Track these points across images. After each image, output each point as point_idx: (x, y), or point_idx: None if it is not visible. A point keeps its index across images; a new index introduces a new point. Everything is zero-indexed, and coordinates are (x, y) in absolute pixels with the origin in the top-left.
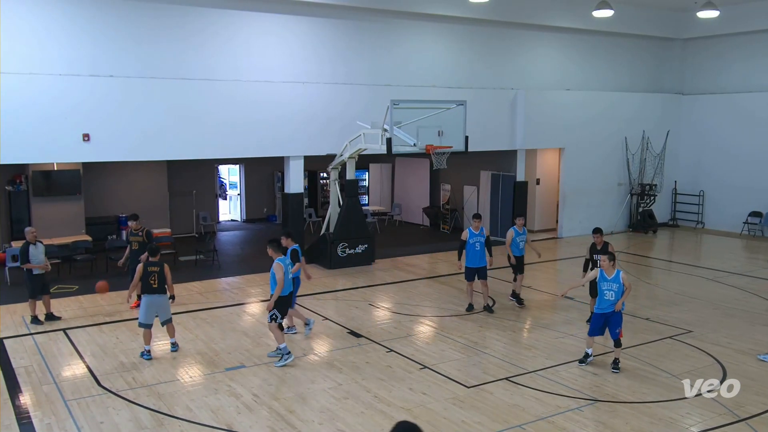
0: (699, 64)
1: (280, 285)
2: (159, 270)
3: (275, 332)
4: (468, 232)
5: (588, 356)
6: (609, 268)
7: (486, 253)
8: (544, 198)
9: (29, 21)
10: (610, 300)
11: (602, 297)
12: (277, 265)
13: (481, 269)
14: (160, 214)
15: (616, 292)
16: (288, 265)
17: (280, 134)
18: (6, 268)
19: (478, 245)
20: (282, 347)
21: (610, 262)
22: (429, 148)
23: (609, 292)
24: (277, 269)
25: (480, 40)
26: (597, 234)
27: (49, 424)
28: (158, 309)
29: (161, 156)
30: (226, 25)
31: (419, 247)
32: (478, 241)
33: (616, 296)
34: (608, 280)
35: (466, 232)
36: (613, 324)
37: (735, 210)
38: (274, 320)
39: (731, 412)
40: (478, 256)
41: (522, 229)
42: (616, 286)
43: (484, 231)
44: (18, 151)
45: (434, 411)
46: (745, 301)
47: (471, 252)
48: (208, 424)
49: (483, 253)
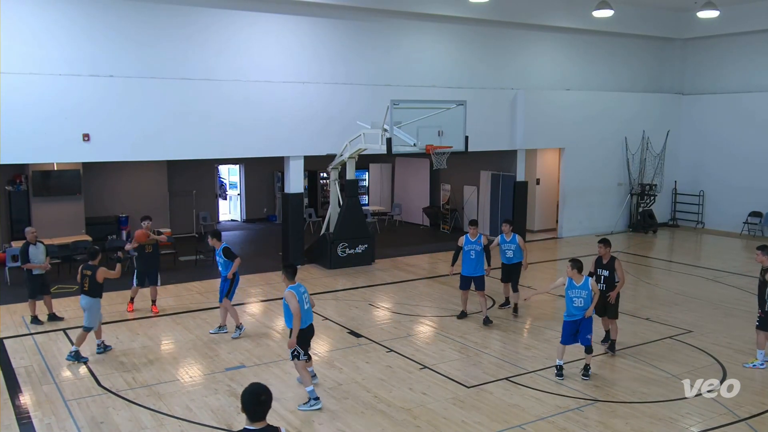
0: (699, 64)
1: (297, 316)
2: (92, 274)
3: (302, 372)
4: (464, 239)
5: (561, 368)
6: (576, 275)
7: (484, 262)
8: (544, 198)
9: (29, 21)
10: (580, 306)
11: (571, 304)
12: (289, 294)
13: (478, 278)
14: (160, 214)
15: (585, 299)
16: (303, 293)
17: (280, 134)
18: (6, 268)
19: (474, 253)
20: (309, 390)
21: (573, 270)
22: (429, 148)
23: (578, 299)
24: (290, 299)
25: (480, 40)
26: (602, 245)
27: (49, 424)
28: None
29: (161, 156)
30: (226, 25)
31: (419, 247)
32: (473, 249)
33: (586, 303)
34: (577, 287)
35: (463, 238)
36: (584, 330)
37: (735, 210)
38: (296, 358)
39: (731, 412)
40: (473, 265)
41: (510, 236)
42: (585, 293)
43: (482, 239)
44: (18, 151)
45: (434, 411)
46: (745, 301)
47: (466, 260)
48: (208, 424)
49: (479, 262)
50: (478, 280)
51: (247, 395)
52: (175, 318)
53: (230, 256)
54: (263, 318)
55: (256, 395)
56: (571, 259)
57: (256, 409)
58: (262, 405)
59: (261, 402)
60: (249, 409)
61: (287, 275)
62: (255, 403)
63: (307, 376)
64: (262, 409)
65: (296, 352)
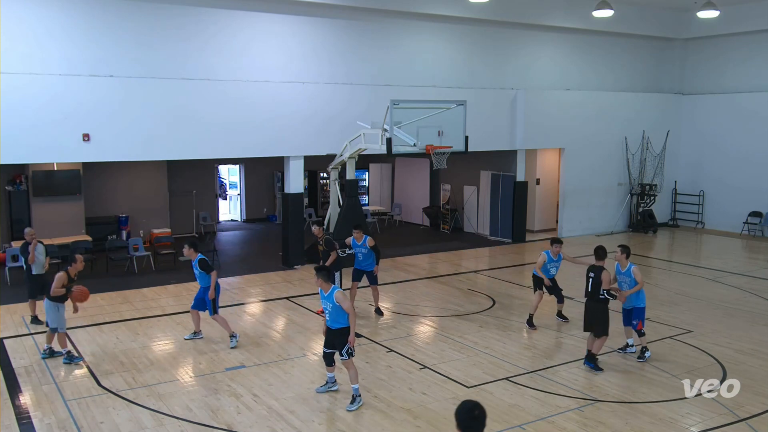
0: (699, 64)
1: (353, 314)
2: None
3: (352, 370)
4: (546, 256)
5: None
6: (623, 260)
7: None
8: (544, 198)
9: (29, 21)
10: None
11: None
12: (340, 294)
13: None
14: (160, 214)
15: (629, 286)
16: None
17: (280, 134)
18: (6, 268)
19: (554, 270)
20: (355, 388)
21: (623, 255)
22: (429, 148)
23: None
24: (343, 299)
25: (480, 40)
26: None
27: (49, 424)
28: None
29: (161, 156)
30: (226, 25)
31: (419, 247)
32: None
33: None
34: (621, 273)
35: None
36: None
37: (735, 210)
38: (352, 356)
39: (731, 412)
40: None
41: (557, 257)
42: (628, 279)
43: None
44: (18, 151)
45: (434, 411)
46: (745, 301)
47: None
48: (208, 424)
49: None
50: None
51: (461, 412)
52: (175, 318)
53: (206, 268)
54: (263, 318)
55: (470, 411)
56: (620, 245)
57: (471, 424)
58: (476, 420)
59: (474, 417)
60: (464, 425)
61: (324, 278)
62: (470, 418)
63: (356, 371)
64: (476, 424)
65: (350, 350)
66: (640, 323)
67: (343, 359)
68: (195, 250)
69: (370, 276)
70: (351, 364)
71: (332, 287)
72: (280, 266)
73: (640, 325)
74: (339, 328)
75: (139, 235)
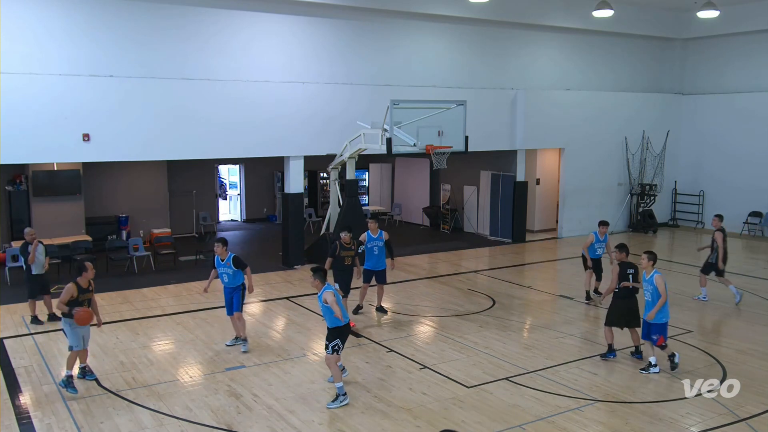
0: (699, 64)
1: (338, 309)
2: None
3: (334, 368)
4: (594, 236)
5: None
6: (649, 267)
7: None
8: (544, 198)
9: (29, 21)
10: (648, 301)
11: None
12: (328, 293)
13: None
14: (160, 214)
15: (652, 293)
16: (336, 294)
17: (280, 134)
18: (6, 268)
19: (600, 250)
20: (339, 386)
21: (649, 262)
22: (429, 148)
23: (646, 293)
24: (329, 297)
25: (480, 40)
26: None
27: (49, 424)
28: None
29: (161, 156)
30: (226, 25)
31: (419, 247)
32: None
33: (653, 297)
34: (645, 281)
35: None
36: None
37: (735, 210)
38: (336, 352)
39: (731, 412)
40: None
41: (604, 236)
42: (651, 287)
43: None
44: (18, 151)
45: (434, 411)
46: (745, 301)
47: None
48: (208, 424)
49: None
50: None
51: None
52: (175, 318)
53: (241, 264)
54: (263, 318)
55: None
56: (646, 251)
57: None
58: None
59: None
60: None
61: (320, 278)
62: None
63: (338, 372)
64: None
65: (337, 346)
66: (662, 338)
67: (327, 353)
68: (227, 248)
69: (379, 275)
70: (331, 360)
71: (325, 286)
72: (280, 266)
73: (662, 339)
74: (331, 328)
75: (139, 235)
